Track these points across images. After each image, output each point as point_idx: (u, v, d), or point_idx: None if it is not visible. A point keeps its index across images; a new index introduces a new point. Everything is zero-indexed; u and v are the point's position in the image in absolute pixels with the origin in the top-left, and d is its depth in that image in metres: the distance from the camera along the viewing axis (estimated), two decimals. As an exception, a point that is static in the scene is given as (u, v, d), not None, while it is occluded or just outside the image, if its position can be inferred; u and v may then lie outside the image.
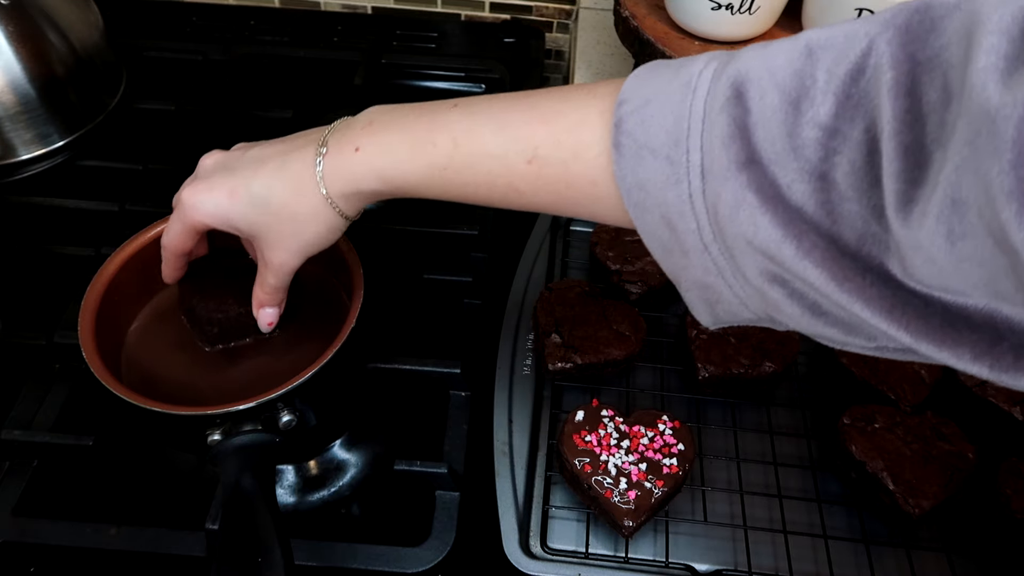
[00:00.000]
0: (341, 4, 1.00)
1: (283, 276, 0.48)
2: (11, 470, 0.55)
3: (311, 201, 0.44)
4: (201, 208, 0.46)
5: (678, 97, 0.33)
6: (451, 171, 0.41)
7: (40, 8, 0.72)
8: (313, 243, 0.46)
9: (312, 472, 0.57)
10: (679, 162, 0.33)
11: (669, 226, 0.34)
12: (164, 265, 0.52)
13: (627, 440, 0.52)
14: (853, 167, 0.29)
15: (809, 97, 0.29)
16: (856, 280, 0.29)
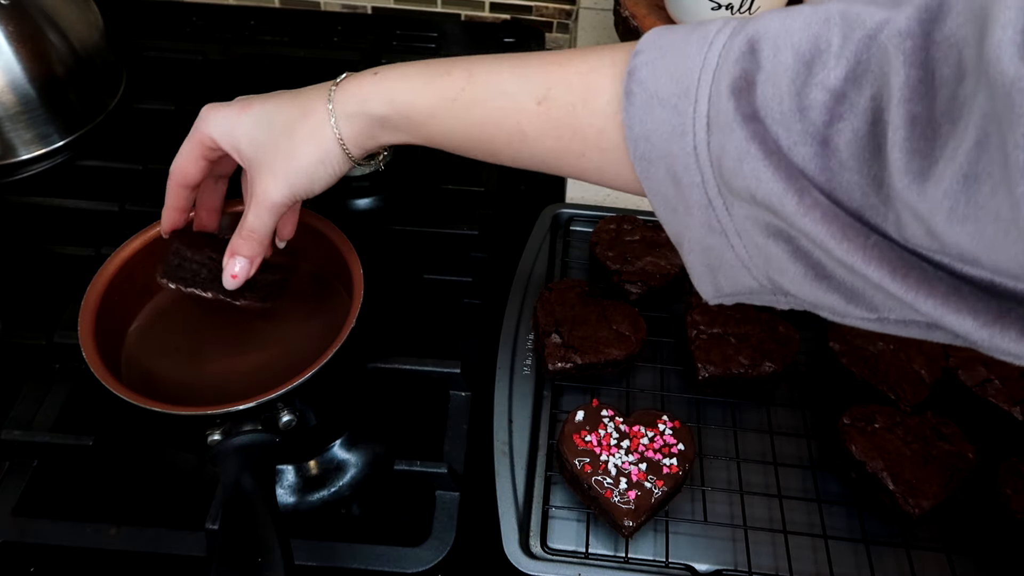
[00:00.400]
0: (341, 4, 1.00)
1: (265, 212, 0.46)
2: (11, 470, 0.55)
3: (315, 120, 0.43)
4: (211, 120, 0.46)
5: (694, 49, 0.33)
6: (460, 104, 0.41)
7: (40, 8, 0.72)
8: (304, 172, 0.44)
9: (312, 472, 0.57)
10: (686, 112, 0.33)
11: (674, 180, 0.34)
12: (167, 202, 0.50)
13: (627, 440, 0.52)
14: (856, 135, 0.29)
15: (822, 60, 0.29)
16: (859, 239, 0.28)
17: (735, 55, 0.31)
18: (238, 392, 0.46)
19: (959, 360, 0.58)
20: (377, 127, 0.43)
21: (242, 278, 0.48)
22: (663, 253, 0.64)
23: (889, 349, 0.59)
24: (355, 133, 0.43)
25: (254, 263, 0.48)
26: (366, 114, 0.43)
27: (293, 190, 0.45)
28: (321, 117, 0.43)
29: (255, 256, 0.48)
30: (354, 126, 0.43)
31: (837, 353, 0.59)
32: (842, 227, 0.29)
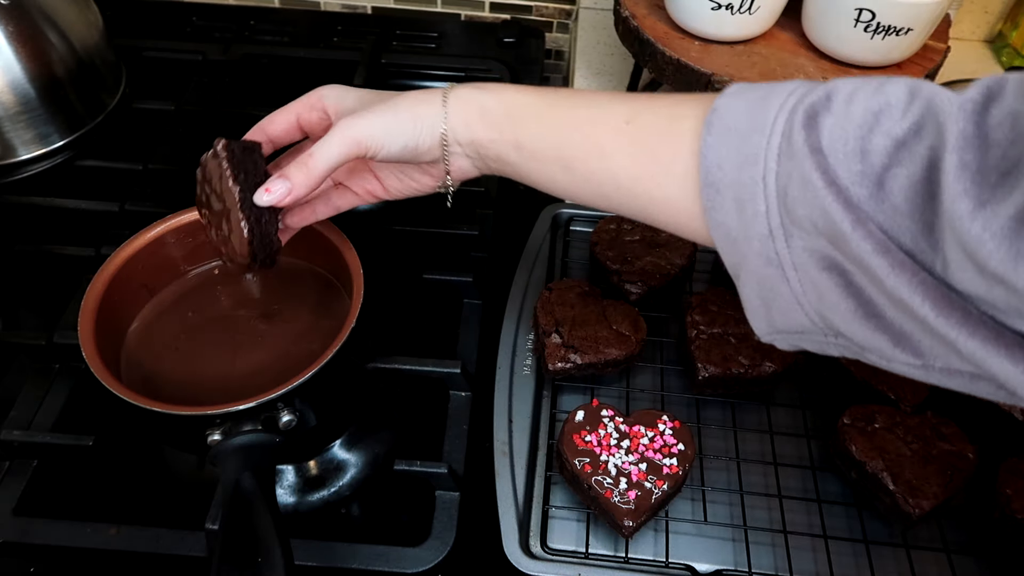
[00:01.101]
0: (341, 4, 1.00)
1: (334, 144, 0.44)
2: (11, 470, 0.55)
3: (429, 95, 0.46)
4: (328, 87, 0.49)
5: (775, 97, 0.36)
6: (557, 109, 0.44)
7: (40, 8, 0.72)
8: (393, 122, 0.45)
9: (312, 472, 0.57)
10: (759, 144, 0.35)
11: (739, 208, 0.36)
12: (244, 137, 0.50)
13: (627, 440, 0.52)
14: (911, 180, 0.31)
15: (889, 114, 0.32)
16: (906, 274, 0.30)
17: (811, 100, 0.34)
18: (238, 392, 0.46)
19: (959, 360, 0.58)
20: (478, 117, 0.45)
21: (275, 199, 0.45)
22: (663, 253, 0.64)
23: (889, 349, 0.59)
24: (459, 113, 0.45)
25: (294, 193, 0.45)
26: (476, 100, 0.45)
27: (372, 130, 0.45)
28: (436, 95, 0.46)
29: (300, 187, 0.45)
30: (461, 109, 0.45)
31: (837, 353, 0.59)
32: (893, 260, 0.30)
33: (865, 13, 0.66)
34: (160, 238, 0.56)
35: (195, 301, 0.57)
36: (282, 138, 0.51)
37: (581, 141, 0.42)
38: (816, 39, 0.71)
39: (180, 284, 0.58)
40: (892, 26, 0.66)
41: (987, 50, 0.97)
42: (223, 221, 0.48)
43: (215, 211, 0.48)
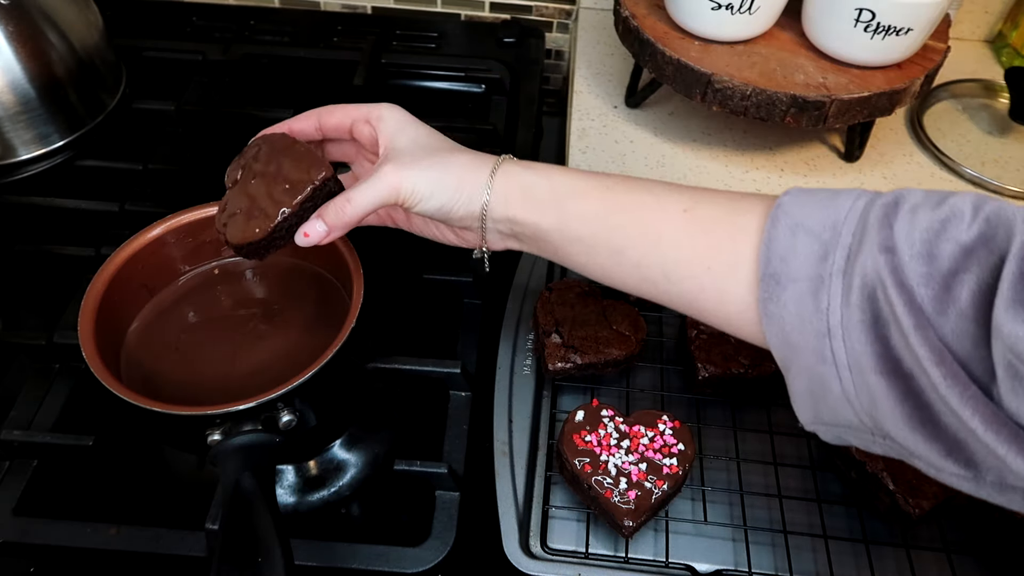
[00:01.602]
0: (341, 4, 1.00)
1: (374, 191, 0.44)
2: (11, 470, 0.55)
3: (481, 160, 0.46)
4: (391, 106, 0.49)
5: (842, 199, 0.37)
6: (611, 193, 0.43)
7: (40, 8, 0.72)
8: (438, 181, 0.45)
9: (312, 472, 0.57)
10: (829, 241, 0.35)
11: (799, 303, 0.36)
12: (293, 119, 0.51)
13: (627, 440, 0.52)
14: (980, 286, 0.31)
15: (955, 222, 0.33)
16: (959, 385, 0.30)
17: (883, 202, 0.35)
18: (238, 392, 0.46)
19: (959, 360, 0.58)
20: (519, 195, 0.45)
21: (313, 242, 0.46)
22: (663, 253, 0.64)
23: (889, 349, 0.59)
24: (501, 189, 0.45)
25: (330, 236, 0.46)
26: (521, 178, 0.45)
27: (415, 186, 0.45)
28: (486, 165, 0.46)
29: (336, 230, 0.46)
30: (503, 184, 0.45)
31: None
32: (947, 371, 0.30)
33: (865, 13, 0.66)
34: (160, 238, 0.56)
35: (195, 301, 0.57)
36: (330, 134, 0.51)
37: (633, 227, 0.42)
38: (816, 39, 0.71)
39: (180, 284, 0.58)
40: (892, 26, 0.66)
41: (987, 50, 0.97)
42: (253, 206, 0.46)
43: (253, 193, 0.47)
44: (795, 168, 0.81)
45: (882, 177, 0.80)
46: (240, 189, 0.48)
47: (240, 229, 0.46)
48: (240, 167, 0.49)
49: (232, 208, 0.48)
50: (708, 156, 0.82)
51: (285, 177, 0.46)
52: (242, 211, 0.47)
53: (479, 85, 0.89)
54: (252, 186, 0.47)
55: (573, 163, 0.79)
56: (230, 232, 0.47)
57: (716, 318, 0.41)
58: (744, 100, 0.69)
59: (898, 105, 0.71)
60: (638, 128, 0.84)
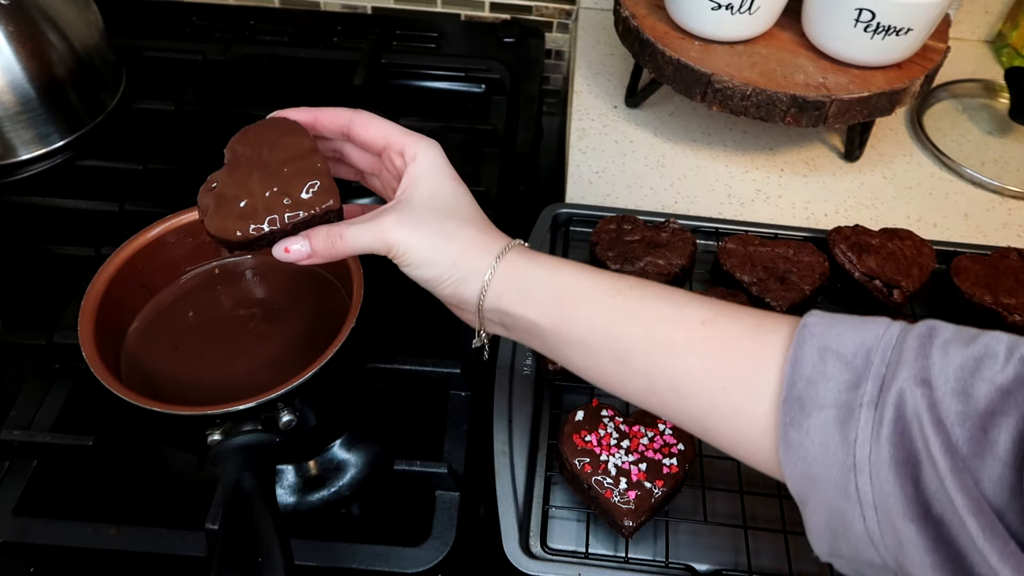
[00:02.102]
0: (341, 4, 1.00)
1: (368, 236, 0.42)
2: (11, 470, 0.55)
3: (491, 237, 0.43)
4: (425, 140, 0.45)
5: (872, 325, 0.35)
6: (621, 298, 0.40)
7: (40, 8, 0.72)
8: (439, 251, 0.42)
9: (312, 472, 0.57)
10: (861, 369, 0.33)
11: (824, 432, 0.33)
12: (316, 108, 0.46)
13: (627, 440, 0.52)
14: (1020, 432, 0.29)
15: (989, 363, 0.31)
16: (998, 541, 0.28)
17: (916, 332, 0.33)
18: (238, 392, 0.46)
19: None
20: (518, 289, 0.42)
21: (293, 259, 0.43)
22: (663, 253, 0.64)
23: (889, 349, 0.59)
24: (502, 279, 0.42)
25: (310, 261, 0.44)
26: (524, 272, 0.42)
27: (410, 248, 0.42)
28: (493, 248, 0.42)
29: (318, 258, 0.43)
30: (507, 274, 0.42)
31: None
32: (984, 523, 0.29)
33: (865, 13, 0.66)
34: (160, 238, 0.56)
35: (195, 301, 0.57)
36: (357, 144, 0.47)
37: (644, 335, 0.39)
38: (816, 39, 0.71)
39: (180, 284, 0.58)
40: (892, 26, 0.66)
41: (987, 50, 0.97)
42: (245, 203, 0.43)
43: (250, 188, 0.43)
44: (795, 168, 0.81)
45: (882, 177, 0.80)
46: (239, 174, 0.44)
47: (221, 221, 0.43)
48: (248, 144, 0.45)
49: (222, 189, 0.44)
50: (708, 156, 0.82)
51: (289, 190, 0.43)
52: (230, 201, 0.43)
53: (479, 85, 0.89)
54: (253, 179, 0.43)
55: (573, 163, 0.79)
56: (210, 217, 0.43)
57: (724, 440, 0.38)
58: (744, 100, 0.69)
59: (898, 105, 0.71)
60: (638, 128, 0.84)
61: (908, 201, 0.78)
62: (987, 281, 0.63)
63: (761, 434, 0.36)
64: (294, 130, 0.45)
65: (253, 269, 0.59)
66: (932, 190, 0.79)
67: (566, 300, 0.41)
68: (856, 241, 0.65)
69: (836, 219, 0.75)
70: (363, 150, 0.47)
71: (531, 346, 0.44)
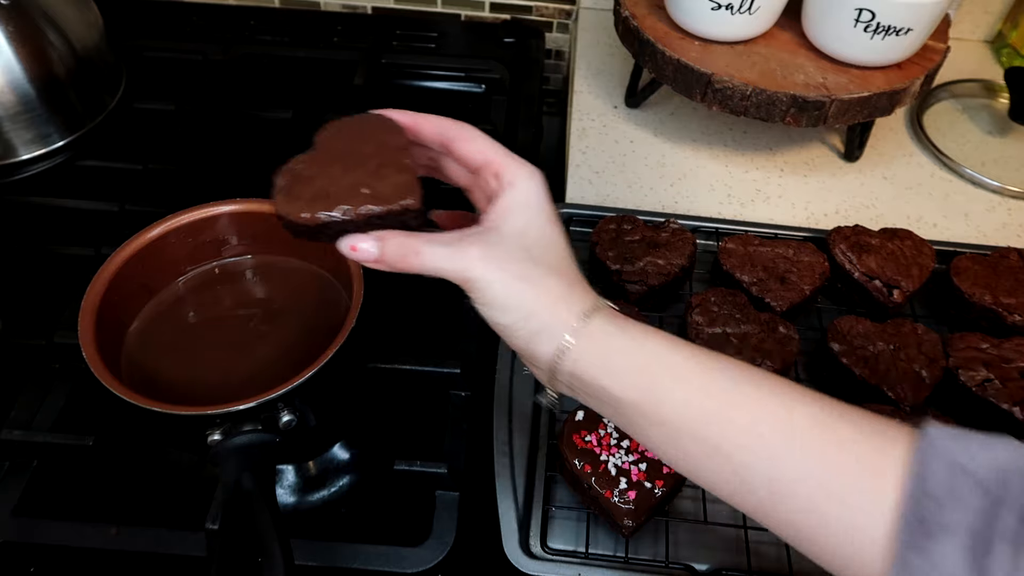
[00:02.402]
0: (341, 4, 1.00)
1: (442, 260, 0.38)
2: (11, 470, 0.55)
3: (579, 290, 0.39)
4: (533, 172, 0.41)
5: (1003, 443, 0.32)
6: (720, 380, 0.36)
7: (40, 8, 0.72)
8: (518, 300, 0.38)
9: (312, 472, 0.57)
10: (1000, 498, 0.30)
11: (951, 559, 0.30)
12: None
13: (627, 440, 0.52)
14: None
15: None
16: None
17: None
18: (238, 392, 0.46)
19: (960, 360, 0.58)
20: (600, 359, 0.38)
21: (359, 258, 0.39)
22: (663, 253, 0.64)
23: (889, 349, 0.59)
24: (586, 339, 0.38)
25: (377, 265, 0.40)
26: (610, 339, 0.38)
27: (489, 287, 0.38)
28: (576, 301, 0.38)
29: (385, 265, 0.39)
30: (590, 339, 0.38)
31: (837, 353, 0.59)
32: None
33: (865, 13, 0.66)
34: (160, 238, 0.56)
35: (195, 301, 0.57)
36: (454, 157, 0.44)
37: (741, 425, 0.35)
38: (816, 39, 0.71)
39: (180, 284, 0.58)
40: (892, 26, 0.66)
41: (987, 50, 0.97)
42: (322, 186, 0.40)
43: (332, 173, 0.40)
44: (795, 168, 0.81)
45: (882, 177, 0.80)
46: (321, 158, 0.41)
47: (291, 202, 0.40)
48: (339, 134, 0.43)
49: (300, 170, 0.41)
50: (708, 156, 0.82)
51: (369, 180, 0.40)
52: (305, 182, 0.40)
53: (479, 85, 0.89)
54: (334, 165, 0.41)
55: (573, 163, 0.79)
56: (280, 197, 0.40)
57: (825, 553, 0.34)
58: (744, 100, 0.69)
59: (898, 105, 0.71)
60: (638, 128, 0.84)
61: (908, 201, 0.78)
62: (987, 281, 0.63)
63: (872, 553, 0.32)
64: (390, 128, 0.43)
65: (253, 269, 0.59)
66: (932, 190, 0.79)
67: (653, 374, 0.37)
68: (856, 241, 0.65)
69: (836, 219, 0.75)
70: (461, 165, 0.44)
71: (605, 416, 0.40)
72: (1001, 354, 0.58)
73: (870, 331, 0.60)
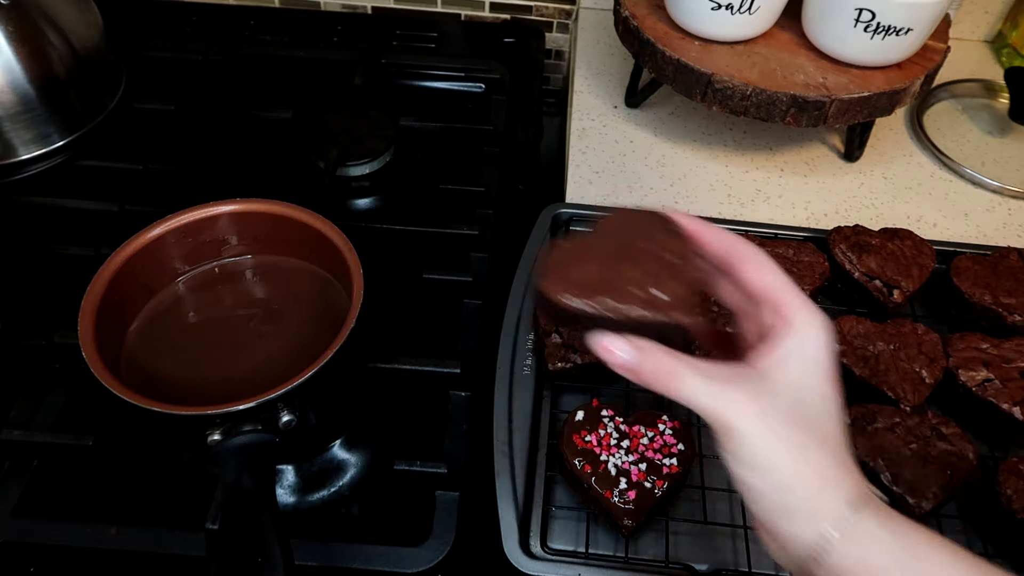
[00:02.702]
0: (341, 4, 1.00)
1: (702, 403, 0.35)
2: (11, 470, 0.55)
3: (830, 472, 0.34)
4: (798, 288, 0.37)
5: None
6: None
7: (40, 8, 0.72)
8: (769, 471, 0.34)
9: (312, 472, 0.57)
10: None
11: None
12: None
13: (627, 440, 0.52)
14: None
15: None
16: None
17: None
18: (238, 392, 0.46)
19: (960, 360, 0.58)
20: (862, 554, 0.33)
21: (609, 361, 0.37)
22: (663, 253, 0.64)
23: (889, 349, 0.59)
24: (857, 532, 0.33)
25: (629, 374, 0.37)
26: (873, 532, 0.33)
27: (750, 449, 0.34)
28: (846, 477, 0.34)
29: (637, 376, 0.36)
30: (862, 527, 0.33)
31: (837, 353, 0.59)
32: None
33: (865, 13, 0.66)
34: (160, 238, 0.56)
35: (195, 301, 0.57)
36: (743, 285, 0.39)
37: None
38: (816, 39, 0.71)
39: (180, 284, 0.58)
40: (892, 26, 0.66)
41: (987, 50, 0.97)
42: (597, 275, 0.37)
43: (614, 268, 0.38)
44: (795, 168, 0.81)
45: (882, 177, 0.80)
46: (597, 245, 0.39)
47: (555, 282, 0.37)
48: (622, 224, 0.40)
49: (572, 251, 0.39)
50: (708, 156, 0.81)
51: (643, 282, 0.37)
52: (574, 265, 0.38)
53: (479, 85, 0.89)
54: (609, 255, 0.38)
55: (573, 163, 0.79)
56: (546, 274, 0.38)
57: None
58: (744, 100, 0.69)
59: (898, 105, 0.71)
60: (638, 128, 0.84)
61: (908, 201, 0.78)
62: (987, 281, 0.63)
63: None
64: (672, 231, 0.40)
65: (253, 269, 0.59)
66: (932, 190, 0.79)
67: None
68: (856, 241, 0.65)
69: (836, 219, 0.75)
70: (738, 287, 0.40)
71: None
72: (1001, 354, 0.58)
73: (870, 331, 0.60)
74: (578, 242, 0.40)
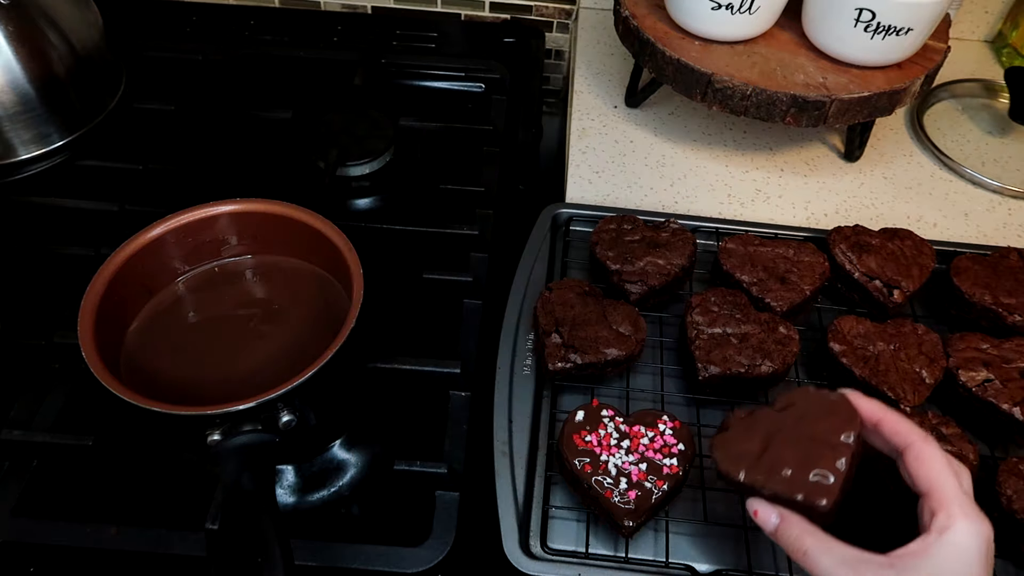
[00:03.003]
0: (341, 4, 1.00)
1: (809, 562, 0.40)
2: (11, 470, 0.55)
3: None
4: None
5: None
6: None
7: (40, 8, 0.72)
8: None
9: (312, 472, 0.57)
10: None
11: None
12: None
13: (627, 440, 0.52)
14: None
15: None
16: None
17: None
18: (238, 392, 0.46)
19: (960, 360, 0.58)
20: None
21: (761, 525, 0.43)
22: (663, 253, 0.64)
23: (889, 349, 0.59)
24: None
25: (773, 537, 0.42)
26: None
27: None
28: None
29: (778, 537, 0.42)
30: None
31: (837, 353, 0.59)
32: None
33: (865, 13, 0.66)
34: (160, 238, 0.56)
35: (195, 301, 0.57)
36: (907, 474, 0.42)
37: None
38: (816, 39, 0.71)
39: (180, 284, 0.58)
40: (892, 26, 0.66)
41: (987, 50, 0.97)
42: (763, 450, 0.44)
43: (779, 444, 0.44)
44: (795, 168, 0.81)
45: (882, 177, 0.80)
46: (767, 422, 0.46)
47: (724, 450, 0.45)
48: (799, 403, 0.46)
49: (749, 424, 0.46)
50: (708, 156, 0.82)
51: (794, 462, 0.43)
52: (742, 437, 0.45)
53: (479, 85, 0.89)
54: (772, 432, 0.45)
55: (573, 163, 0.79)
56: (721, 441, 0.46)
57: None
58: (744, 100, 0.69)
59: (898, 105, 0.71)
60: (638, 128, 0.84)
61: (908, 201, 0.78)
62: (987, 281, 0.63)
63: None
64: (847, 417, 0.44)
65: (253, 269, 0.59)
66: (932, 190, 0.79)
67: None
68: (856, 241, 0.65)
69: (836, 219, 0.75)
70: (904, 474, 0.43)
71: None
72: (1001, 354, 0.58)
73: (870, 331, 0.60)
74: (759, 412, 0.47)
